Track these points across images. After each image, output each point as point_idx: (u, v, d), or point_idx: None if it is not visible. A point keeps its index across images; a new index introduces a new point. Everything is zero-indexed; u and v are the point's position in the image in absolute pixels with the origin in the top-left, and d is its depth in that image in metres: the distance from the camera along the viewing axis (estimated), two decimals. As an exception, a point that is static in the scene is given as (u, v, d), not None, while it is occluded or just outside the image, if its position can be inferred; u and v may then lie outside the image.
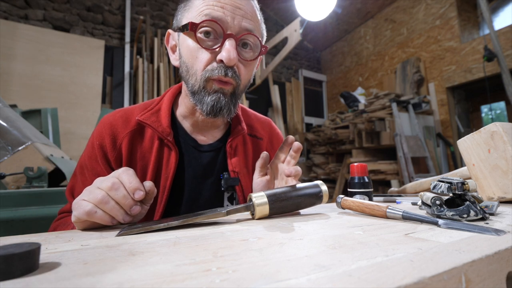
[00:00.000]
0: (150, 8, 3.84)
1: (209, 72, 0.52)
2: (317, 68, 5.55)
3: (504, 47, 2.80)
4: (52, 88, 3.00)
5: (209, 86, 0.53)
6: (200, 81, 0.53)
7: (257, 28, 0.55)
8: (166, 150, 0.59)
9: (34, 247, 0.22)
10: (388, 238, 0.30)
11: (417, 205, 0.54)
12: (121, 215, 0.40)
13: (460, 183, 0.41)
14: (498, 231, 0.31)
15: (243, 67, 0.55)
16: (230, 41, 0.51)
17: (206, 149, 0.63)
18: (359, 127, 3.41)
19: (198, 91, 0.54)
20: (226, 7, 0.51)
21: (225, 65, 0.51)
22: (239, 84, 0.55)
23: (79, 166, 0.60)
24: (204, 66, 0.52)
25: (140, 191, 0.40)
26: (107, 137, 0.57)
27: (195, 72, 0.53)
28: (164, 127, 0.58)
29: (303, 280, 0.18)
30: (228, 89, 0.54)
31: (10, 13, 2.98)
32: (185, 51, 0.54)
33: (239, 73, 0.54)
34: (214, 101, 0.53)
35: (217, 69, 0.52)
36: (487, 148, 0.54)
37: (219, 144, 0.65)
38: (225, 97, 0.54)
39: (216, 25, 0.51)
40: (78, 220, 0.39)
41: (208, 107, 0.53)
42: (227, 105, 0.54)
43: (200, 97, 0.54)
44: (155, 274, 0.20)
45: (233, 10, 0.51)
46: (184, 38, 0.54)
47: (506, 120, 3.47)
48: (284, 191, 0.47)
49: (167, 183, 0.57)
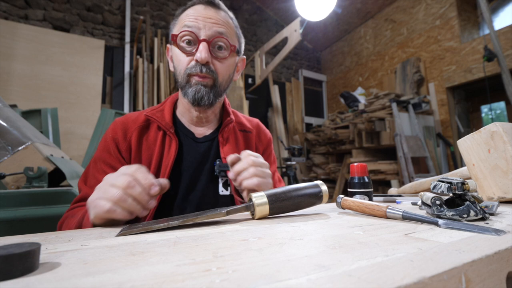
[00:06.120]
0: (150, 8, 3.84)
1: (189, 69, 0.65)
2: (317, 68, 5.56)
3: (504, 47, 2.80)
4: (52, 88, 3.00)
5: (190, 80, 0.66)
6: (184, 77, 0.66)
7: (229, 32, 0.68)
8: (167, 141, 0.69)
9: (34, 247, 0.22)
10: (388, 238, 0.30)
11: (417, 205, 0.54)
12: (139, 210, 0.44)
13: (460, 183, 0.41)
14: (498, 231, 0.31)
15: (219, 63, 0.67)
16: (203, 44, 0.64)
17: (202, 140, 0.74)
18: (359, 127, 3.41)
19: (183, 86, 0.68)
20: (199, 18, 0.65)
21: (200, 64, 0.64)
22: (217, 77, 0.67)
23: (93, 160, 0.69)
24: (185, 66, 0.66)
25: (156, 186, 0.45)
26: (120, 132, 0.69)
27: (180, 71, 0.67)
28: (167, 121, 0.70)
29: (303, 280, 0.18)
30: (207, 82, 0.67)
31: (10, 13, 2.98)
32: (175, 58, 0.69)
33: (215, 69, 0.67)
34: (194, 91, 0.66)
35: (194, 67, 0.65)
36: (487, 148, 0.54)
37: (213, 135, 0.76)
38: (206, 88, 0.67)
39: (191, 34, 0.64)
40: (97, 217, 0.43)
41: (190, 97, 0.66)
42: (207, 94, 0.67)
43: (185, 90, 0.67)
44: (155, 274, 0.20)
45: (204, 20, 0.65)
46: (173, 48, 0.68)
47: (506, 120, 3.47)
48: (284, 191, 0.47)
49: (167, 169, 0.66)
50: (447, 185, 0.43)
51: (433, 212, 0.42)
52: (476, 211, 0.39)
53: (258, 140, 0.82)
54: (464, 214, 0.39)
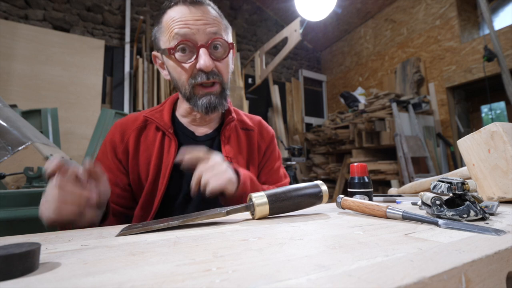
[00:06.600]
0: (150, 8, 3.84)
1: (193, 79, 0.63)
2: (317, 68, 5.55)
3: (504, 47, 2.80)
4: (52, 88, 3.00)
5: (196, 91, 0.64)
6: (189, 89, 0.64)
7: (220, 28, 0.65)
8: (167, 141, 0.68)
9: (34, 247, 0.22)
10: (388, 238, 0.30)
11: (417, 205, 0.54)
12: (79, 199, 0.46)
13: (460, 183, 0.41)
14: (498, 231, 0.31)
15: (221, 64, 0.65)
16: (203, 50, 0.61)
17: (203, 139, 0.73)
18: (359, 127, 3.40)
19: (190, 97, 0.65)
20: (189, 22, 0.60)
21: (205, 71, 0.62)
22: (222, 80, 0.65)
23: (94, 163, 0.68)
24: (188, 77, 0.63)
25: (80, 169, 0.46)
26: (117, 134, 0.68)
27: (183, 83, 0.64)
28: (166, 122, 0.69)
29: (303, 280, 0.18)
30: (216, 90, 0.65)
31: (10, 13, 2.98)
32: (171, 69, 0.66)
33: (218, 71, 0.64)
34: (206, 103, 0.64)
35: (199, 76, 0.62)
36: (487, 148, 0.54)
37: (214, 134, 0.74)
38: (216, 96, 0.65)
39: (187, 42, 0.61)
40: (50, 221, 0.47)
41: (203, 108, 0.64)
42: (220, 102, 0.66)
43: (193, 101, 0.65)
44: (155, 274, 0.20)
45: (195, 23, 0.61)
46: (167, 59, 0.65)
47: (506, 120, 3.47)
48: (284, 191, 0.47)
49: (167, 170, 0.64)
50: (447, 185, 0.42)
51: (433, 212, 0.42)
52: (476, 211, 0.39)
53: (260, 138, 0.81)
54: (464, 214, 0.39)
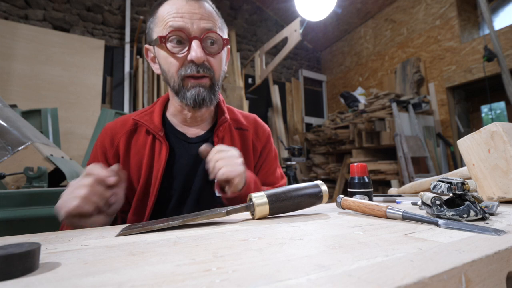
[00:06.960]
0: (150, 8, 3.84)
1: (183, 71, 0.62)
2: (317, 68, 5.55)
3: (504, 47, 2.80)
4: (52, 88, 3.00)
5: (185, 83, 0.63)
6: (178, 81, 0.63)
7: (216, 25, 0.64)
8: (157, 145, 0.66)
9: (34, 247, 0.22)
10: (388, 238, 0.30)
11: (417, 205, 0.54)
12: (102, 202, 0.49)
13: (460, 183, 0.41)
14: (498, 231, 0.31)
15: (213, 59, 0.64)
16: (196, 42, 0.60)
17: (195, 141, 0.71)
18: (359, 127, 3.40)
19: (179, 90, 0.64)
20: (184, 15, 0.60)
21: (196, 63, 0.61)
22: (214, 75, 0.64)
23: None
24: (178, 68, 0.62)
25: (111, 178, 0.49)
26: (107, 138, 0.67)
27: (172, 75, 0.63)
28: (156, 124, 0.67)
29: (303, 280, 0.18)
30: (205, 83, 0.63)
31: (10, 13, 2.98)
32: (162, 60, 0.64)
33: (210, 66, 0.63)
34: (194, 95, 0.62)
35: (189, 68, 0.61)
36: (487, 148, 0.54)
37: (207, 135, 0.72)
38: (205, 89, 0.63)
39: (180, 33, 0.60)
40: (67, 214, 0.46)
41: (191, 101, 0.63)
42: (208, 95, 0.64)
43: (182, 94, 0.64)
44: (155, 274, 0.20)
45: (191, 16, 0.60)
46: (159, 50, 0.64)
47: (506, 120, 3.47)
48: (284, 191, 0.47)
49: (159, 174, 0.63)
50: (447, 185, 0.42)
51: (433, 212, 0.42)
52: (476, 211, 0.39)
53: (255, 138, 0.78)
54: (464, 214, 0.39)
